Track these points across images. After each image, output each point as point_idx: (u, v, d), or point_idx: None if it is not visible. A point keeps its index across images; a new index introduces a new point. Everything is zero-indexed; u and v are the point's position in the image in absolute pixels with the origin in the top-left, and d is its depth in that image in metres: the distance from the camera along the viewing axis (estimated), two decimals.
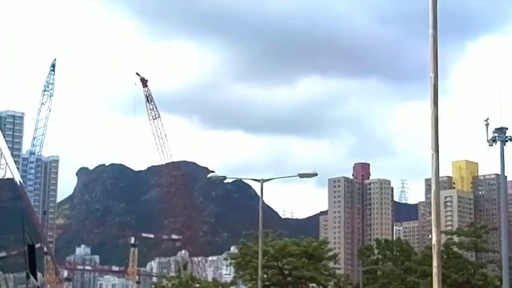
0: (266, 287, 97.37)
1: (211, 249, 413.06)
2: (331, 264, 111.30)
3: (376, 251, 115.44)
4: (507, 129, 48.95)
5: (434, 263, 20.62)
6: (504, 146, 50.73)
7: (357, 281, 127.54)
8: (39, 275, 10.75)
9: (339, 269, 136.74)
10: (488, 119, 47.02)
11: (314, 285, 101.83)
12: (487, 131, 50.18)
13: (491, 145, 49.25)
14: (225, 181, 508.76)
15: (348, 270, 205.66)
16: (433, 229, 21.34)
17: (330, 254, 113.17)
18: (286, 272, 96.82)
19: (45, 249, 12.65)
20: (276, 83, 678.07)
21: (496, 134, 49.16)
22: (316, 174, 44.91)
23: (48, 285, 11.94)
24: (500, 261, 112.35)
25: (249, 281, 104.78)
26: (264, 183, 56.25)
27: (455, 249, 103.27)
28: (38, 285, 10.67)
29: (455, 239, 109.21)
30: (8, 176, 7.89)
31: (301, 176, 45.72)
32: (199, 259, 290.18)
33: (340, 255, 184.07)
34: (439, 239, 20.35)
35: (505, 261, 62.35)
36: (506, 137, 50.25)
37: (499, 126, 48.47)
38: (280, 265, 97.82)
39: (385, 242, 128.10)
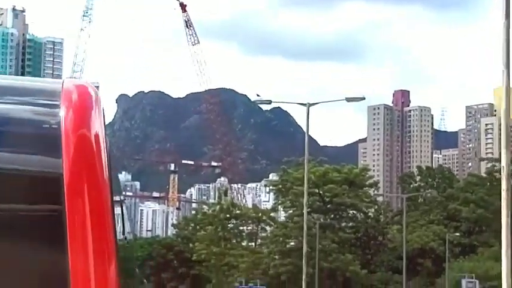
0: (307, 213, 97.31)
1: (250, 177, 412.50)
2: (371, 191, 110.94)
3: (417, 178, 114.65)
4: None
5: (504, 186, 19.98)
6: None
7: (396, 208, 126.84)
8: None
9: (380, 195, 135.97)
10: None
11: (355, 212, 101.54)
12: None
13: None
14: (263, 109, 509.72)
15: (387, 197, 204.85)
16: (503, 150, 20.72)
17: (371, 181, 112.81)
18: (327, 198, 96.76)
19: None
20: (319, 8, 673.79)
21: None
22: (364, 98, 44.00)
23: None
24: None
25: (289, 207, 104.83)
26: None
27: (498, 176, 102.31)
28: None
29: (498, 166, 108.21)
30: None
31: (349, 100, 44.99)
32: (239, 186, 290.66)
33: (379, 183, 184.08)
34: (508, 162, 19.68)
35: None
36: None
37: None
38: (321, 192, 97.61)
39: (427, 169, 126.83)
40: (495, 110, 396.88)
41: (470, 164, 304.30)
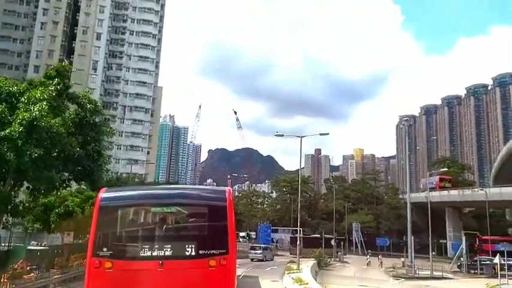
0: (285, 194, 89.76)
1: (259, 181, 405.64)
2: (311, 185, 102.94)
3: (331, 180, 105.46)
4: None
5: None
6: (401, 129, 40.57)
7: (322, 193, 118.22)
8: None
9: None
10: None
11: (306, 193, 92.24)
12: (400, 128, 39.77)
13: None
14: (264, 155, 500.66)
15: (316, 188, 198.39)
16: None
17: (311, 181, 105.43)
18: (295, 187, 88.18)
19: None
20: (286, 118, 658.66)
21: (401, 125, 39.43)
22: (328, 134, 36.58)
23: None
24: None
25: (277, 192, 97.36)
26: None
27: (366, 180, 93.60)
28: None
29: (361, 176, 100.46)
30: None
31: (321, 134, 36.94)
32: (255, 185, 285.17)
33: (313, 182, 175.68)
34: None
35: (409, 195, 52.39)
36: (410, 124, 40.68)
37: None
38: (291, 185, 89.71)
39: (334, 177, 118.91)
40: (355, 157, 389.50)
41: (346, 177, 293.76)
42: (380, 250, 68.56)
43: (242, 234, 70.17)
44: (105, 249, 7.38)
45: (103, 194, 7.94)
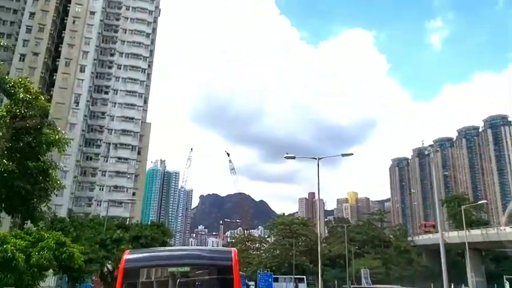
0: (283, 238, 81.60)
1: (251, 226, 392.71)
2: (311, 227, 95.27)
3: (333, 223, 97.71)
4: None
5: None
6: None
7: (324, 235, 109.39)
8: None
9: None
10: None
11: (305, 237, 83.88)
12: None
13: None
14: (256, 200, 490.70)
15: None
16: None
17: (310, 223, 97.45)
18: (294, 230, 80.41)
19: None
20: (275, 162, 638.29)
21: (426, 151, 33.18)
22: (352, 154, 29.46)
23: None
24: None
25: (274, 236, 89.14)
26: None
27: (371, 221, 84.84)
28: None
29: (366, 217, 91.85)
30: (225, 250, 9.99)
31: (343, 155, 30.22)
32: (247, 230, 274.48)
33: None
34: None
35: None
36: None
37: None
38: (290, 228, 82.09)
39: (334, 219, 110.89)
40: (348, 200, 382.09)
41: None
42: None
43: None
44: None
45: (127, 256, 8.72)
